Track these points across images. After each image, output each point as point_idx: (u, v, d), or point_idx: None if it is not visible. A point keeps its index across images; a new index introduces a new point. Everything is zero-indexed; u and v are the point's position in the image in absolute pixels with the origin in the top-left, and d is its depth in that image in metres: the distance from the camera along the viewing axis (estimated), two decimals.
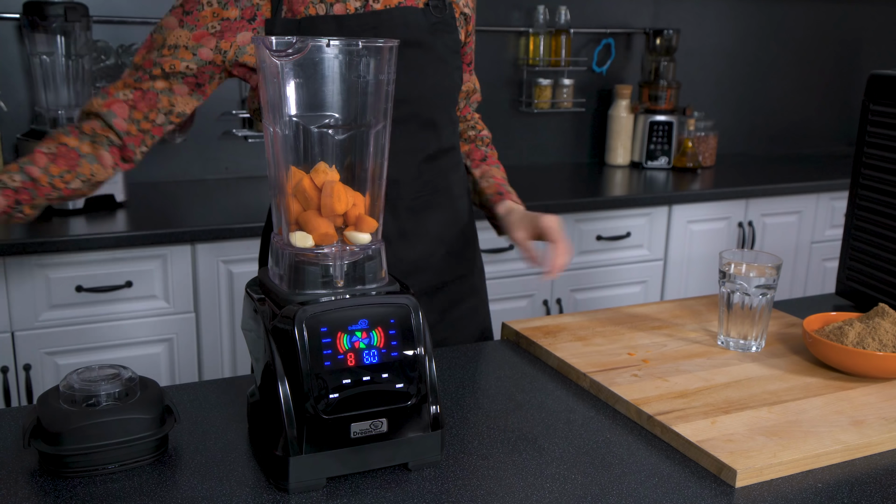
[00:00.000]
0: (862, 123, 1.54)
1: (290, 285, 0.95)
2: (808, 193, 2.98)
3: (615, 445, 1.04)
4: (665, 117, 3.11)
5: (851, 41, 3.72)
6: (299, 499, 0.91)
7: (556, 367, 1.27)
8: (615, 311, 1.48)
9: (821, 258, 3.10)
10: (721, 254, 1.32)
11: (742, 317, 1.29)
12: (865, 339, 1.21)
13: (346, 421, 0.91)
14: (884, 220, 1.51)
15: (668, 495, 0.93)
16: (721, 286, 1.31)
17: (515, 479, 0.96)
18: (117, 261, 2.06)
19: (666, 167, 3.14)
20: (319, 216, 0.95)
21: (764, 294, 1.28)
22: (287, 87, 0.94)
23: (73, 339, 2.05)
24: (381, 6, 1.29)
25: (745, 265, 1.31)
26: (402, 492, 0.92)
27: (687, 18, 3.34)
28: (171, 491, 0.91)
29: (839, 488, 0.95)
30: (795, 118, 3.71)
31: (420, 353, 0.96)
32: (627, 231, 2.69)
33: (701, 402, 1.12)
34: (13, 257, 1.95)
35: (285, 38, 0.90)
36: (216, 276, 2.17)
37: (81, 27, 2.24)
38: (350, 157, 0.99)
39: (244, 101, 2.68)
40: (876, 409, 1.12)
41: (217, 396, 1.15)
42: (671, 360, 1.26)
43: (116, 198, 2.27)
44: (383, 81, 0.96)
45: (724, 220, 2.88)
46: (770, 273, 1.29)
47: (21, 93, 2.42)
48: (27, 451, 0.98)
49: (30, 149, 1.28)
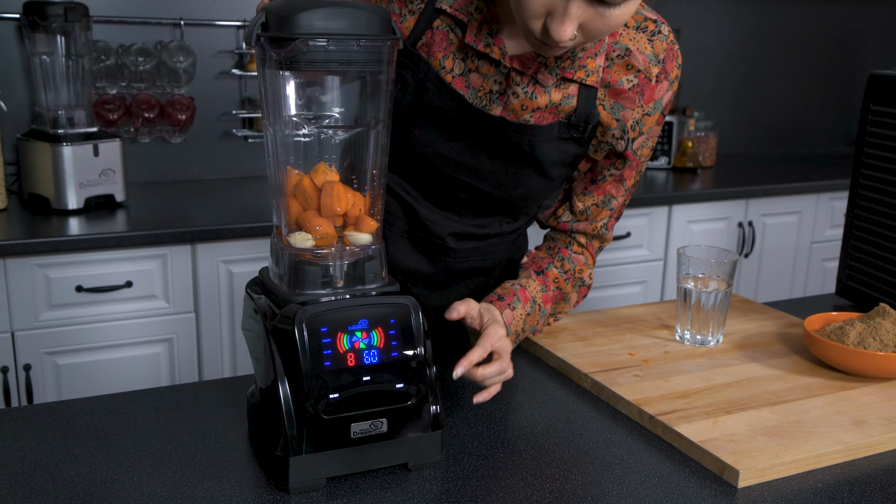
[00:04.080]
0: (862, 123, 1.54)
1: (290, 285, 0.95)
2: (808, 193, 2.98)
3: (615, 445, 1.04)
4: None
5: (851, 41, 3.72)
6: (299, 499, 0.91)
7: (557, 367, 1.27)
8: (616, 312, 1.47)
9: (821, 258, 3.10)
10: (679, 251, 1.34)
11: (699, 313, 1.31)
12: (866, 339, 1.21)
13: (346, 421, 0.91)
14: (884, 220, 1.51)
15: (669, 495, 0.93)
16: (679, 282, 1.34)
17: (515, 479, 0.95)
18: (117, 261, 2.06)
19: (666, 167, 3.14)
20: (319, 216, 0.95)
21: (718, 290, 1.29)
22: (287, 87, 0.93)
23: (73, 339, 2.05)
24: (510, 109, 1.14)
25: (702, 259, 1.32)
26: (402, 492, 0.92)
27: (687, 18, 3.34)
28: (171, 491, 0.91)
29: (839, 488, 0.95)
30: (795, 118, 3.71)
31: (420, 353, 0.95)
32: (627, 231, 2.69)
33: (702, 402, 1.12)
34: (13, 257, 1.95)
35: (286, 38, 0.90)
36: (216, 276, 2.17)
37: (81, 27, 2.24)
38: (350, 157, 0.98)
39: (244, 101, 2.68)
40: (877, 409, 1.11)
41: (217, 396, 1.14)
42: (672, 361, 1.26)
43: (116, 198, 2.27)
44: (383, 81, 0.96)
45: (724, 220, 2.87)
46: (725, 268, 1.31)
47: (21, 93, 2.41)
48: (27, 451, 0.98)
49: (30, 148, 1.28)
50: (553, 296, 1.26)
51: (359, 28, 0.91)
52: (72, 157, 2.17)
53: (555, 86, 1.14)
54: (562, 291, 1.27)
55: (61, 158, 2.16)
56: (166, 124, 2.52)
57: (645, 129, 1.19)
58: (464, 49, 1.14)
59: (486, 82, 1.14)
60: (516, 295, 1.20)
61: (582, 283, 1.30)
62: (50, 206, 2.19)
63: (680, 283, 1.33)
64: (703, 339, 1.32)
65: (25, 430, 1.03)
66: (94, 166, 2.22)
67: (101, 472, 0.95)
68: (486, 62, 1.14)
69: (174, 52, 2.49)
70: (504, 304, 1.17)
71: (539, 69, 1.12)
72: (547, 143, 1.16)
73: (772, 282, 3.01)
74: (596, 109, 1.16)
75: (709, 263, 1.31)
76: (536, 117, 1.15)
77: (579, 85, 1.14)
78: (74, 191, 2.19)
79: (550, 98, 1.14)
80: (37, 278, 1.98)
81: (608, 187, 1.25)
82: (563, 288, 1.27)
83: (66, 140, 2.17)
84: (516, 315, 1.18)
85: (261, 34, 0.91)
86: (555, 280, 1.26)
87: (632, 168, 1.23)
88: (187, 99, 2.52)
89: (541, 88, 1.13)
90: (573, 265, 1.28)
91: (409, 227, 1.28)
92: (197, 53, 2.53)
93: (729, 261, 1.30)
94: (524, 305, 1.20)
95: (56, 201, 2.19)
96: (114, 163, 2.26)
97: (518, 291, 1.20)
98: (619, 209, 1.29)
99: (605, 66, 1.14)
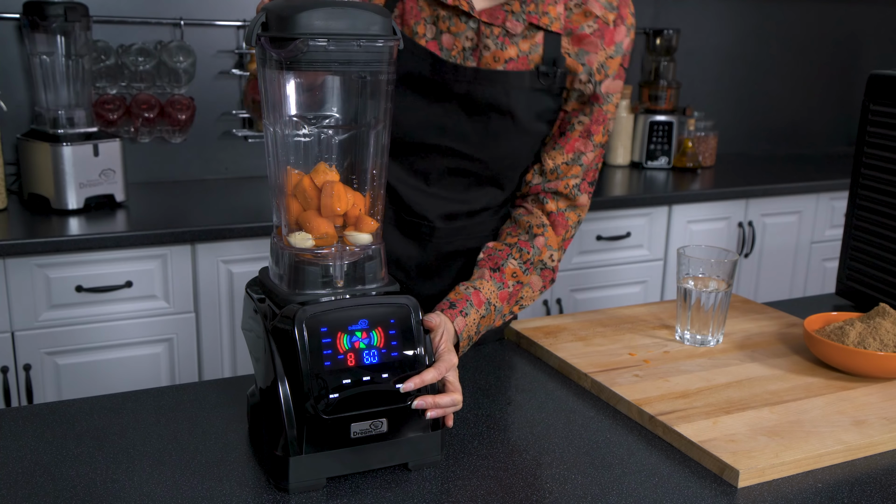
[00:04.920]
0: (862, 123, 1.54)
1: (290, 285, 0.95)
2: (808, 193, 2.98)
3: (615, 445, 1.04)
4: (665, 117, 3.11)
5: (851, 41, 3.72)
6: (299, 499, 0.91)
7: (557, 367, 1.27)
8: (616, 312, 1.47)
9: (821, 258, 3.10)
10: (679, 251, 1.34)
11: (699, 313, 1.31)
12: (866, 339, 1.21)
13: (346, 421, 0.91)
14: (884, 220, 1.51)
15: (669, 495, 0.93)
16: (679, 283, 1.33)
17: (515, 479, 0.95)
18: (117, 261, 2.06)
19: (666, 167, 3.14)
20: (319, 216, 0.95)
21: (718, 290, 1.29)
22: (287, 86, 0.93)
23: (73, 339, 2.05)
24: (484, 64, 1.20)
25: (702, 259, 1.32)
26: (402, 492, 0.92)
27: (687, 18, 3.34)
28: (171, 491, 0.91)
29: (839, 488, 0.95)
30: (795, 118, 3.71)
31: (420, 353, 0.95)
32: (627, 231, 2.69)
33: (702, 402, 1.12)
34: (13, 257, 1.95)
35: (286, 38, 0.90)
36: (216, 276, 2.17)
37: (81, 27, 2.24)
38: (350, 157, 0.98)
39: (244, 101, 2.68)
40: (877, 409, 1.11)
41: (217, 396, 1.14)
42: (672, 361, 1.26)
43: (116, 198, 2.27)
44: (383, 81, 0.96)
45: (724, 220, 2.87)
46: (725, 268, 1.31)
47: (21, 93, 2.41)
48: (27, 451, 0.98)
49: (30, 148, 1.28)
50: (512, 291, 1.24)
51: (359, 28, 0.91)
52: (72, 157, 2.17)
53: (522, 36, 1.20)
54: (522, 283, 1.26)
55: (61, 158, 2.16)
56: (166, 124, 2.52)
57: (610, 71, 1.25)
58: (434, 13, 1.20)
59: (458, 40, 1.20)
60: (469, 300, 1.18)
61: (544, 266, 1.28)
62: (50, 206, 2.19)
63: (680, 283, 1.33)
64: (703, 339, 1.32)
65: (25, 430, 1.03)
66: (94, 166, 2.22)
67: (101, 472, 0.95)
68: (457, 20, 1.20)
69: (174, 52, 2.49)
70: (456, 312, 1.15)
71: (507, 17, 1.19)
72: (521, 92, 1.21)
73: (772, 282, 3.01)
74: (562, 56, 1.22)
75: (709, 263, 1.31)
76: (510, 68, 1.21)
77: (545, 33, 1.21)
78: (74, 191, 2.19)
79: (519, 48, 1.21)
80: (37, 278, 1.98)
81: (577, 143, 1.27)
82: (523, 279, 1.25)
83: (66, 140, 2.17)
84: (469, 321, 1.16)
85: (261, 34, 0.91)
86: (513, 275, 1.24)
87: (598, 123, 1.26)
88: (187, 99, 2.52)
89: (510, 39, 1.20)
90: (534, 252, 1.26)
91: (395, 213, 1.30)
92: (197, 53, 2.53)
93: (729, 261, 1.30)
94: (478, 310, 1.18)
95: (56, 201, 2.19)
96: (114, 163, 2.26)
97: (471, 296, 1.19)
98: (591, 171, 1.30)
99: (565, 16, 1.22)
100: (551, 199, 1.29)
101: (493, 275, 1.23)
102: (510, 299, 1.25)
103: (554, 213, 1.28)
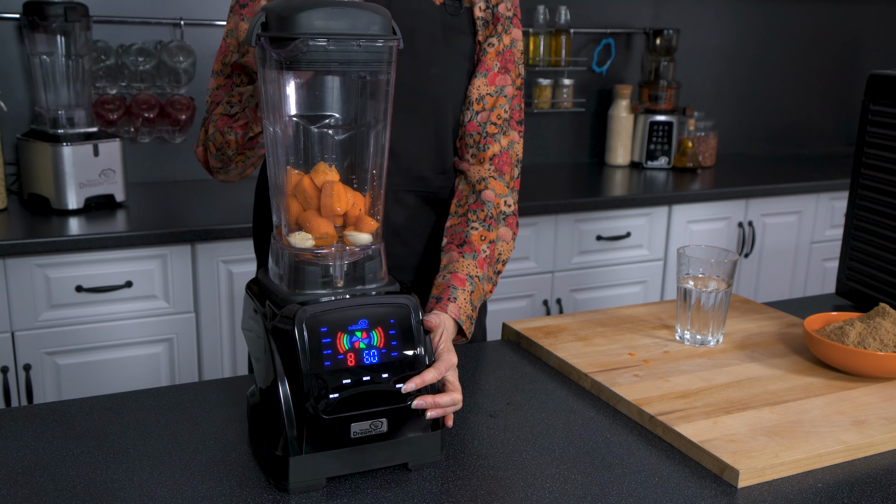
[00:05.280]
0: (862, 123, 1.54)
1: (290, 285, 0.95)
2: (808, 193, 2.98)
3: (615, 445, 1.04)
4: (665, 117, 3.11)
5: (851, 41, 3.72)
6: (299, 499, 0.90)
7: (557, 367, 1.27)
8: (615, 312, 1.47)
9: (821, 258, 3.10)
10: (679, 251, 1.34)
11: (699, 313, 1.31)
12: (866, 339, 1.21)
13: (346, 421, 0.91)
14: (884, 220, 1.51)
15: (669, 495, 0.93)
16: (679, 283, 1.33)
17: (515, 479, 0.95)
18: (117, 261, 2.06)
19: (666, 167, 3.14)
20: (319, 216, 0.95)
21: (718, 290, 1.29)
22: (287, 87, 0.93)
23: (73, 339, 2.05)
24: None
25: (702, 259, 1.32)
26: (402, 492, 0.92)
27: (687, 18, 3.34)
28: (171, 491, 0.91)
29: (839, 488, 0.95)
30: (795, 118, 3.71)
31: (420, 353, 0.95)
32: (627, 231, 2.69)
33: (702, 402, 1.12)
34: (13, 257, 1.95)
35: (286, 38, 0.90)
36: (216, 276, 2.17)
37: (81, 27, 2.24)
38: (350, 157, 0.98)
39: None
40: (877, 409, 1.11)
41: (217, 396, 1.14)
42: (672, 361, 1.26)
43: (116, 198, 2.27)
44: (383, 81, 0.96)
45: (724, 220, 2.87)
46: (725, 268, 1.31)
47: (21, 93, 2.41)
48: (27, 451, 0.98)
49: (30, 148, 1.28)
50: (489, 254, 1.26)
51: (359, 28, 0.91)
52: (72, 157, 2.17)
53: None
54: (493, 241, 1.27)
55: (61, 158, 2.16)
56: (166, 124, 2.52)
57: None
58: None
59: None
60: (451, 286, 1.19)
61: (504, 214, 1.31)
62: (50, 206, 2.19)
63: (680, 283, 1.33)
64: (703, 339, 1.32)
65: (25, 430, 1.03)
66: (94, 166, 2.22)
67: (101, 472, 0.95)
68: None
69: (174, 52, 2.49)
70: (445, 303, 1.17)
71: None
72: (433, 25, 1.26)
73: (772, 282, 3.01)
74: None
75: (709, 263, 1.31)
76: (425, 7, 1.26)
77: None
78: (74, 191, 2.19)
79: None
80: (37, 278, 1.98)
81: (497, 78, 1.33)
82: (491, 236, 1.27)
83: (66, 140, 2.17)
84: (461, 303, 1.18)
85: (261, 34, 0.91)
86: (481, 238, 1.26)
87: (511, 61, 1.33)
88: (187, 99, 2.52)
89: None
90: (488, 207, 1.28)
91: None
92: (197, 53, 2.53)
93: (729, 261, 1.30)
94: (464, 289, 1.20)
95: (56, 201, 2.19)
96: (114, 163, 2.26)
97: (451, 280, 1.20)
98: (517, 110, 1.35)
99: None
100: (492, 142, 1.32)
101: (461, 250, 1.24)
102: (489, 261, 1.26)
103: (497, 154, 1.31)
